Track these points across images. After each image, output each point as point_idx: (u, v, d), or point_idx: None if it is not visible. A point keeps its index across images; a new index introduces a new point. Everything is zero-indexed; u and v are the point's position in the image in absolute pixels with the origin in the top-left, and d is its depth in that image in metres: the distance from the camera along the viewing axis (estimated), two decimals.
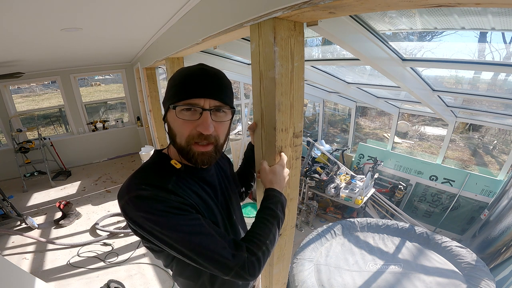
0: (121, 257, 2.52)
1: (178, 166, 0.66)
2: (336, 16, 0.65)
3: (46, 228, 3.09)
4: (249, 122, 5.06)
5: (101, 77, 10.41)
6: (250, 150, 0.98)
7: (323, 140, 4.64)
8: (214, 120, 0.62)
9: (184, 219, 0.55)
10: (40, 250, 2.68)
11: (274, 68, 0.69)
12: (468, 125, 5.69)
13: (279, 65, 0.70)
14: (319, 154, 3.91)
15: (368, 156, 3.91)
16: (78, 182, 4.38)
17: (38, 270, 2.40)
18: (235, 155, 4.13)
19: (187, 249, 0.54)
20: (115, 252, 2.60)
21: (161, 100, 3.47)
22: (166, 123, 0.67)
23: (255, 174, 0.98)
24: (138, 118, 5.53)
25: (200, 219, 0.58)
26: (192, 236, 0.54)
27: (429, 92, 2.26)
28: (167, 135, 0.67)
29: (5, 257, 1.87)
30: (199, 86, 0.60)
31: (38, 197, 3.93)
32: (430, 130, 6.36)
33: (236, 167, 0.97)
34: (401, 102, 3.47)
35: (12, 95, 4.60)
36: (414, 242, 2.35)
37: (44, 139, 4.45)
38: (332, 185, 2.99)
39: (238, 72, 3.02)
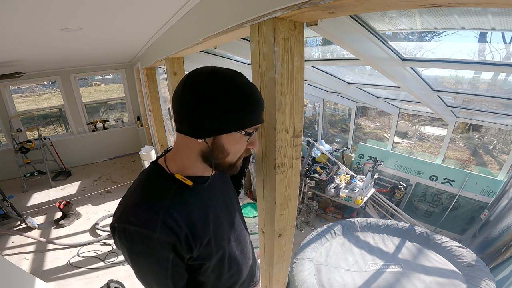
0: (121, 257, 2.52)
1: (190, 183, 0.63)
2: (336, 16, 0.65)
3: (46, 228, 3.09)
4: None
5: (101, 77, 10.42)
6: None
7: (323, 140, 4.64)
8: None
9: (152, 264, 0.58)
10: (40, 250, 2.68)
11: (274, 68, 0.69)
12: (468, 125, 5.69)
13: (279, 65, 0.70)
14: (319, 154, 3.92)
15: (368, 156, 3.92)
16: (78, 182, 4.37)
17: (38, 270, 2.40)
18: None
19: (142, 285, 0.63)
20: (115, 252, 2.60)
21: (160, 99, 3.39)
22: (208, 141, 0.59)
23: (245, 170, 0.99)
24: (138, 118, 5.53)
25: (165, 271, 0.59)
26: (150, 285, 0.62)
27: (429, 92, 2.26)
28: (202, 152, 0.62)
29: (5, 257, 1.87)
30: (261, 111, 0.62)
31: (38, 197, 3.92)
32: (430, 130, 6.36)
33: None
34: (401, 102, 3.47)
35: (12, 95, 4.60)
36: (414, 242, 2.35)
37: (44, 139, 4.45)
38: (332, 185, 2.99)
39: None
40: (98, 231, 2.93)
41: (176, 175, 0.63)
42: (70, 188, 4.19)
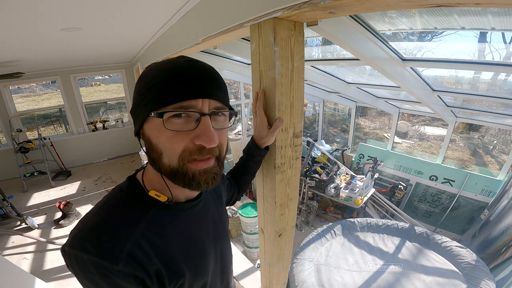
0: None
1: (163, 199, 0.51)
2: (336, 16, 0.65)
3: (46, 228, 3.09)
4: (249, 122, 5.06)
5: (101, 77, 10.42)
6: (253, 147, 0.80)
7: (323, 140, 4.64)
8: (215, 128, 0.47)
9: None
10: (40, 250, 2.68)
11: (274, 68, 0.69)
12: (468, 125, 5.69)
13: (279, 65, 0.70)
14: (319, 154, 3.92)
15: (368, 156, 3.92)
16: (78, 182, 4.37)
17: (38, 270, 2.40)
18: (235, 155, 4.13)
19: None
20: None
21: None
22: (141, 139, 0.50)
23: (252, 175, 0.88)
24: None
25: None
26: None
27: (429, 92, 2.26)
28: (144, 154, 0.51)
29: (5, 257, 1.87)
30: (194, 82, 0.45)
31: (38, 197, 3.92)
32: (430, 130, 6.35)
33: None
34: (401, 102, 3.47)
35: (12, 95, 4.60)
36: (414, 242, 2.35)
37: (44, 139, 4.45)
38: (332, 185, 2.99)
39: (238, 72, 3.03)
40: None
41: (151, 192, 0.51)
42: (70, 188, 4.19)
